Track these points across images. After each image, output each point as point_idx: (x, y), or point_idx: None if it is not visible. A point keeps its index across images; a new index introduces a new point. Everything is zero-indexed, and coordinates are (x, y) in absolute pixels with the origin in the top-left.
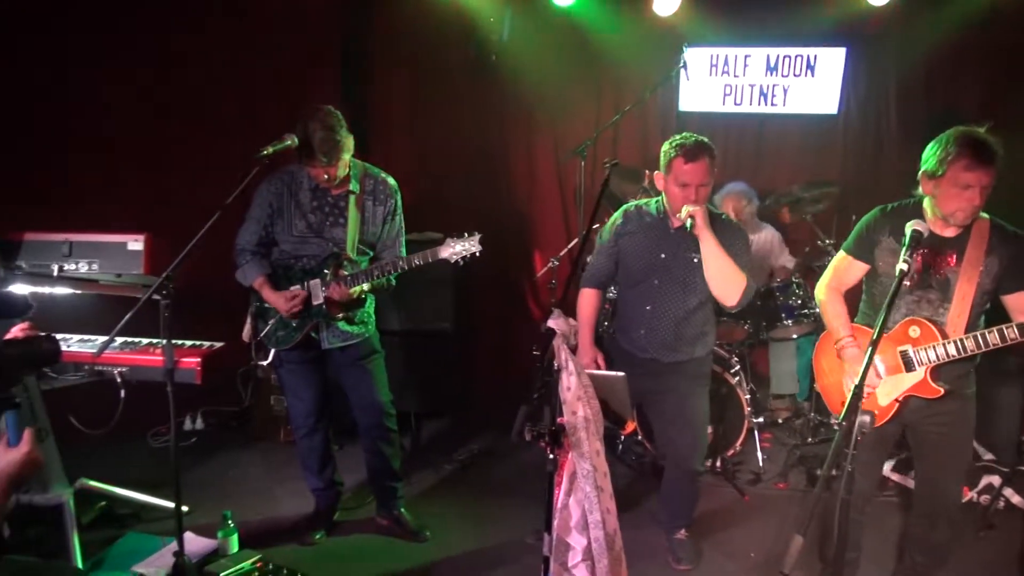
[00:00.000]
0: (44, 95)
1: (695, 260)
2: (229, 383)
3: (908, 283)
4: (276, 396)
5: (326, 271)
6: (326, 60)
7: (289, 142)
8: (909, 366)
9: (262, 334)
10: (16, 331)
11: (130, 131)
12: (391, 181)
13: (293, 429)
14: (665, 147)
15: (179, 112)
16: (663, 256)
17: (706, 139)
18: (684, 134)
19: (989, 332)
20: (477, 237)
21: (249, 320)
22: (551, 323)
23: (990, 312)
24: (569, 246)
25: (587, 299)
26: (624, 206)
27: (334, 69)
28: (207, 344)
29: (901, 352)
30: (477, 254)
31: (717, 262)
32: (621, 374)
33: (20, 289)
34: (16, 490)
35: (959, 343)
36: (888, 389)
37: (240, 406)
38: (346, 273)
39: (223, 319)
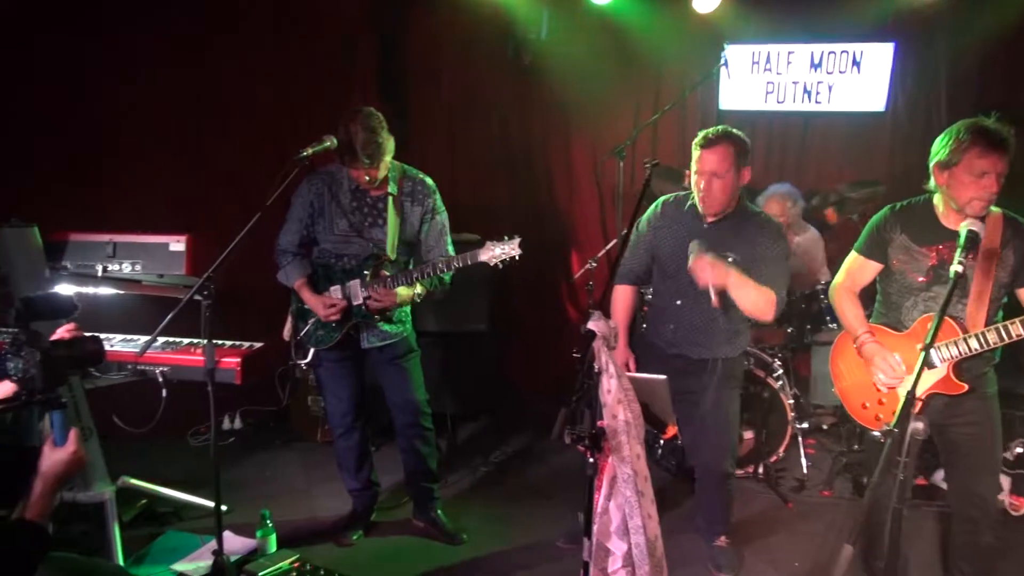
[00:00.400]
0: (80, 95)
1: (730, 259)
2: (267, 383)
3: (924, 279)
4: (313, 396)
5: (366, 272)
6: (363, 60)
7: (328, 143)
8: (930, 363)
9: (302, 333)
10: (62, 332)
11: (165, 132)
12: (428, 181)
13: (331, 428)
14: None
15: (213, 112)
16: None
17: (736, 131)
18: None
19: (1011, 324)
20: (517, 241)
21: (289, 319)
22: (591, 325)
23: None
24: (607, 247)
25: (620, 296)
26: (662, 198)
27: (371, 69)
28: (246, 344)
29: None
30: (516, 258)
31: (749, 298)
32: (662, 377)
33: (65, 289)
34: (61, 488)
35: (981, 337)
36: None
37: (278, 406)
38: (387, 274)
39: (262, 319)
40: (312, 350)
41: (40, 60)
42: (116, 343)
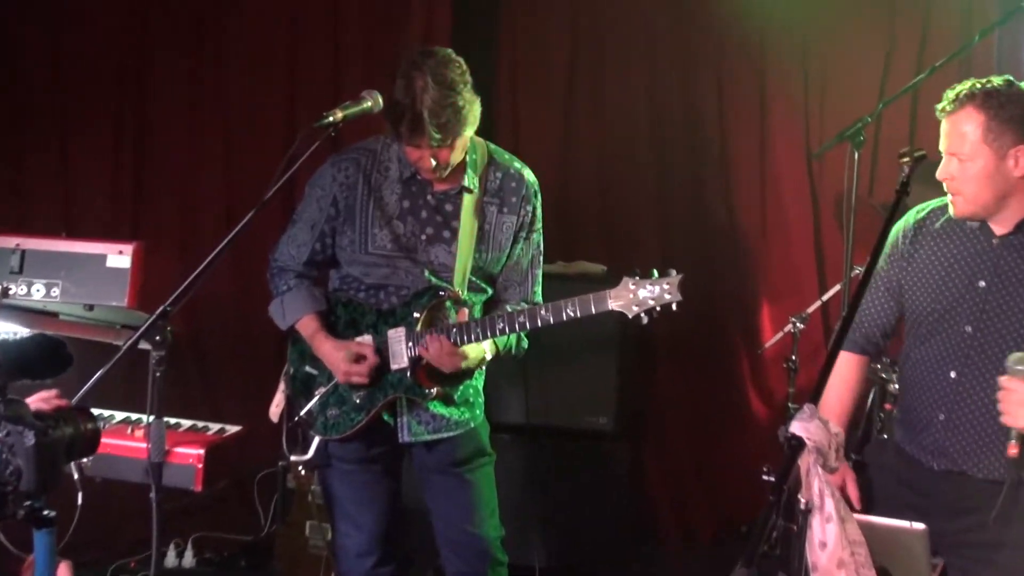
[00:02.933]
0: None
1: None
2: (242, 494)
3: None
4: (315, 522)
5: (416, 314)
6: None
7: (368, 104)
8: None
9: (303, 411)
10: (38, 401)
11: (110, 80)
12: (528, 176)
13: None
14: None
15: (184, 51)
16: (982, 284)
17: (1009, 85)
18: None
19: None
20: (676, 278)
21: (283, 386)
22: (798, 428)
23: None
24: (826, 296)
25: (842, 370)
26: (915, 209)
27: None
28: (215, 428)
29: None
30: (674, 307)
31: None
32: (920, 527)
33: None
34: None
35: None
36: None
37: (256, 535)
38: (450, 321)
39: (244, 387)
40: (317, 440)
41: None
42: None
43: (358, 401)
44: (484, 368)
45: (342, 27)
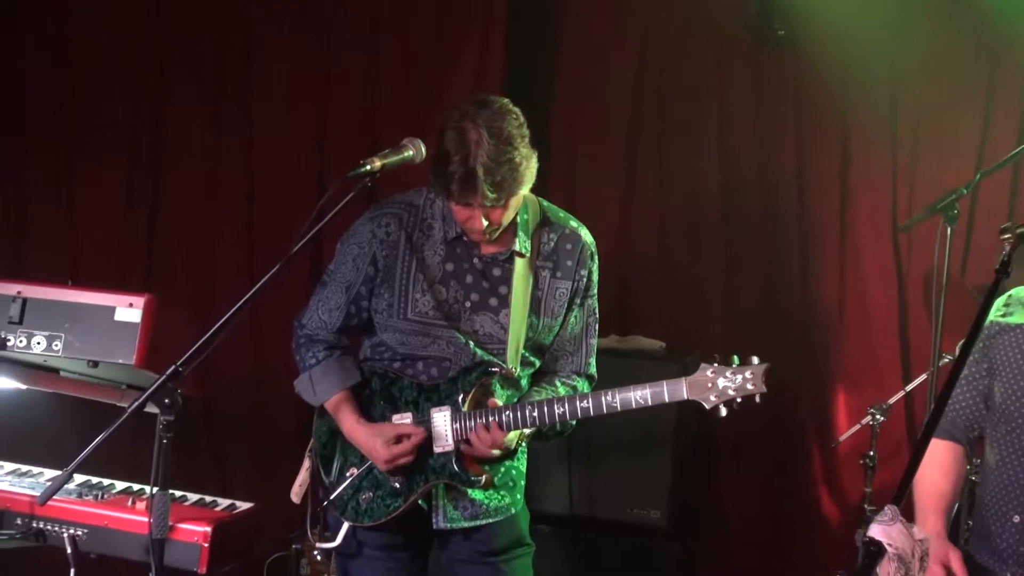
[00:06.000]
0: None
1: None
2: None
3: None
4: None
5: (464, 388)
6: (485, 15)
7: (410, 152)
8: None
9: (332, 495)
10: None
11: (125, 120)
12: (585, 236)
13: None
14: None
15: (205, 88)
16: None
17: None
18: None
19: None
20: (761, 368)
21: (308, 464)
22: (878, 532)
23: None
24: (909, 387)
25: (933, 456)
26: (1014, 291)
27: (498, 28)
28: (225, 503)
29: None
30: (757, 399)
31: None
32: None
33: None
34: None
35: None
36: None
37: None
38: (499, 401)
39: (256, 460)
40: (346, 526)
41: None
42: (2, 477)
43: (396, 486)
44: (526, 447)
45: (380, 72)
